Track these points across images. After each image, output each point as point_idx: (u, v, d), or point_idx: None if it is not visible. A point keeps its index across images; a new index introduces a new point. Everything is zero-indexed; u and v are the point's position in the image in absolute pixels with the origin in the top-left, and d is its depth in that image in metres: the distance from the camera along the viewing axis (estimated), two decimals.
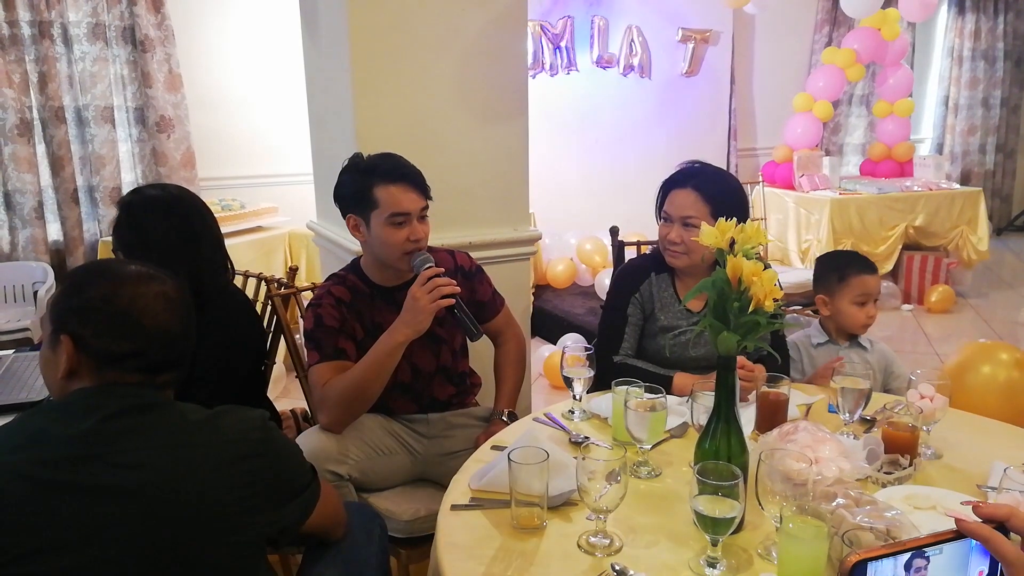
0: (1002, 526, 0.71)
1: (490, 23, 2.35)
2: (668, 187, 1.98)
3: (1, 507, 0.98)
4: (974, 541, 0.70)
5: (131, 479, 1.01)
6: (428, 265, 1.77)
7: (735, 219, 1.28)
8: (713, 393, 1.29)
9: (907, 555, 0.68)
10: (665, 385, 1.50)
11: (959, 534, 0.70)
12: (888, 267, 5.23)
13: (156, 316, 1.11)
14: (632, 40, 5.11)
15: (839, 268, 2.11)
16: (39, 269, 3.88)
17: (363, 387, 1.73)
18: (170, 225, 1.82)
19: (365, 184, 1.79)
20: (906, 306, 5.27)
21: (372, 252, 1.88)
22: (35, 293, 3.74)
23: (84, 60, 4.06)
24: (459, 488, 1.42)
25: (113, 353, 1.09)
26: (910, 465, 1.42)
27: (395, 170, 1.80)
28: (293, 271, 2.31)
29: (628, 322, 2.01)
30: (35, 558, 0.98)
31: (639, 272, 2.06)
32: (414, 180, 1.81)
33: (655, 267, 2.04)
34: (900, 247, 5.25)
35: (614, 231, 2.76)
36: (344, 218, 1.87)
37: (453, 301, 1.72)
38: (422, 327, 1.72)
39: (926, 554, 0.69)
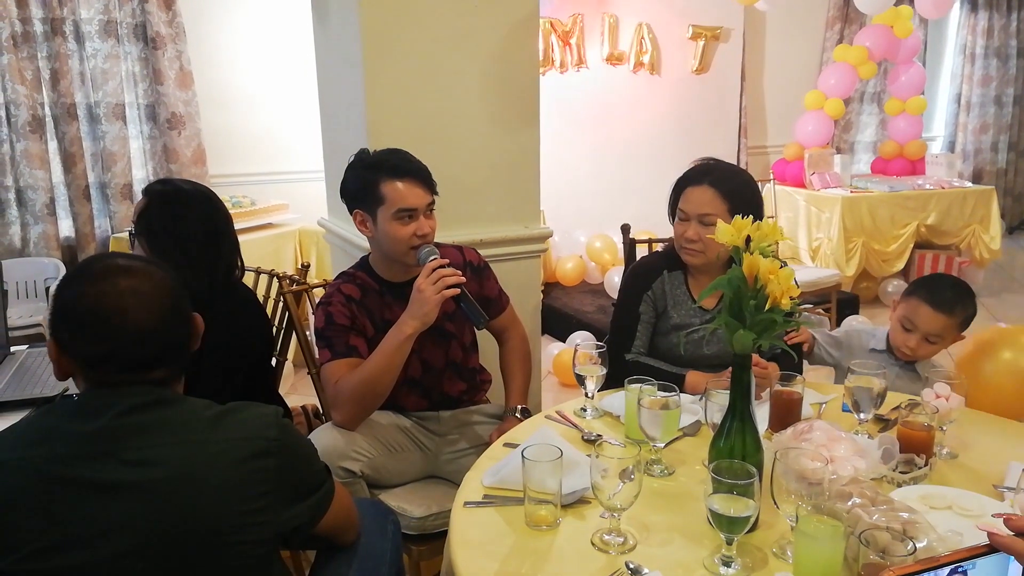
0: None
1: (502, 20, 2.35)
2: (683, 184, 1.96)
3: (15, 503, 0.98)
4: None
5: (142, 475, 1.01)
6: (433, 257, 1.77)
7: (751, 216, 1.27)
8: (727, 391, 1.28)
9: (946, 570, 0.68)
10: (677, 383, 1.49)
11: (992, 548, 0.70)
12: (899, 265, 5.20)
13: (123, 314, 1.05)
14: (642, 37, 5.09)
15: (917, 285, 2.02)
16: (51, 265, 3.91)
17: (374, 382, 1.73)
18: (201, 221, 1.84)
19: (371, 180, 1.79)
20: None
21: (379, 248, 1.88)
22: (47, 289, 3.77)
23: (96, 57, 4.07)
24: (472, 485, 1.42)
25: (91, 355, 1.06)
26: (925, 465, 1.42)
27: (401, 166, 1.80)
28: (305, 268, 2.31)
29: (640, 320, 2.01)
30: (48, 554, 0.98)
31: (652, 270, 2.05)
32: (420, 175, 1.81)
33: (668, 265, 2.03)
34: (912, 245, 5.21)
35: (626, 228, 2.74)
36: (351, 214, 1.87)
37: (458, 291, 1.72)
38: (429, 319, 1.72)
39: (963, 568, 0.69)
